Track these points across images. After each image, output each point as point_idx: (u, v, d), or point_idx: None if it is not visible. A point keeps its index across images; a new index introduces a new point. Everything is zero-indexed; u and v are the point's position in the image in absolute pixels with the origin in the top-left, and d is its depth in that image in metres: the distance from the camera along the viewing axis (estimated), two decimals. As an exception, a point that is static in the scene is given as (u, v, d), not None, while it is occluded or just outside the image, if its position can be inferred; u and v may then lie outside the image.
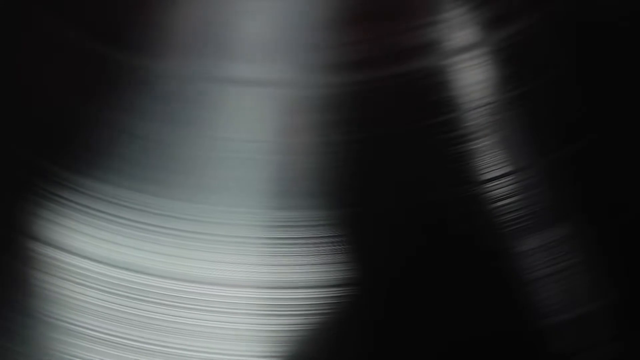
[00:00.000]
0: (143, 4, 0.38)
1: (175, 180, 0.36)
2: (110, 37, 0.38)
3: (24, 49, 0.38)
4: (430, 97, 0.37)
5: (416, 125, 0.37)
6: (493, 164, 0.36)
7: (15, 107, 0.38)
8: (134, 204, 0.36)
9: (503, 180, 0.36)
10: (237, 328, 0.34)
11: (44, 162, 0.36)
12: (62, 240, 0.35)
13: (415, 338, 0.35)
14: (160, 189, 0.36)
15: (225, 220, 0.36)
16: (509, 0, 0.37)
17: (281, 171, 0.36)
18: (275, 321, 0.34)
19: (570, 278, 0.35)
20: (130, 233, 0.35)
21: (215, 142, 0.36)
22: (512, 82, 0.37)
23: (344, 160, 0.36)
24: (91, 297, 0.35)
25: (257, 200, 0.36)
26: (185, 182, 0.36)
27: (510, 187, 0.36)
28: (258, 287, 0.35)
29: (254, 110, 0.37)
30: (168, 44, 0.37)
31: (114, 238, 0.35)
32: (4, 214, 0.36)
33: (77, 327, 0.35)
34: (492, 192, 0.36)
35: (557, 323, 0.35)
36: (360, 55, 0.37)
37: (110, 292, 0.35)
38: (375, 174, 0.36)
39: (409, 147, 0.37)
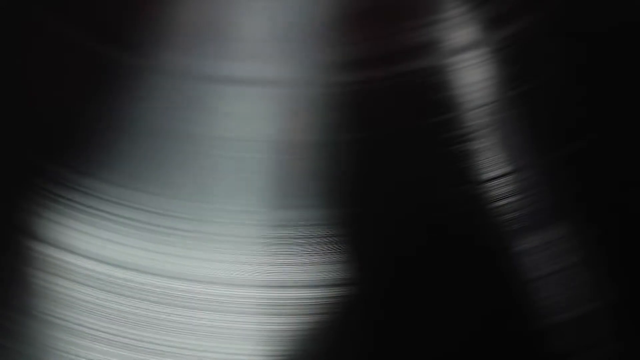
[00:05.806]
0: (143, 4, 0.38)
1: (176, 180, 0.36)
2: (110, 36, 0.38)
3: (23, 49, 0.38)
4: (430, 97, 0.37)
5: (416, 125, 0.37)
6: (493, 164, 0.36)
7: (15, 106, 0.38)
8: (134, 203, 0.36)
9: (503, 179, 0.36)
10: (237, 327, 0.34)
11: (44, 162, 0.36)
12: (62, 240, 0.35)
13: (415, 338, 0.35)
14: (160, 188, 0.36)
15: (226, 219, 0.36)
16: (509, 0, 0.37)
17: (281, 171, 0.36)
18: (275, 320, 0.34)
19: (570, 277, 0.35)
20: (130, 232, 0.35)
21: (215, 142, 0.37)
22: (512, 82, 0.37)
23: (344, 160, 0.36)
24: (91, 295, 0.35)
25: (258, 200, 0.36)
26: (185, 182, 0.36)
27: (510, 186, 0.36)
28: (258, 287, 0.35)
29: (254, 110, 0.37)
30: (168, 44, 0.38)
31: (114, 237, 0.35)
32: (4, 214, 0.36)
33: (78, 327, 0.35)
34: (492, 191, 0.36)
35: (557, 323, 0.35)
36: (360, 55, 0.37)
37: (110, 291, 0.35)
38: (376, 173, 0.36)
39: (409, 147, 0.37)
